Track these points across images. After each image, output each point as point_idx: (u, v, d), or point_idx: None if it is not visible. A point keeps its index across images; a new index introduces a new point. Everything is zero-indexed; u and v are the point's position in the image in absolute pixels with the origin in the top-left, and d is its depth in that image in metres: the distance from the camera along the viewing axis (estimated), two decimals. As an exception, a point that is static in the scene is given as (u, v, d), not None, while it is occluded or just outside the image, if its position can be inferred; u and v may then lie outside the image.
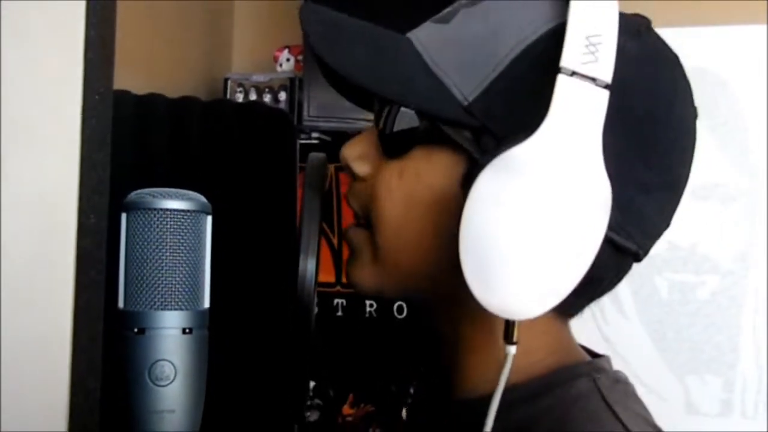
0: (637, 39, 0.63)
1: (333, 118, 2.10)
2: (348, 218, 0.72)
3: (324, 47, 0.65)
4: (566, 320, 0.71)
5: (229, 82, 2.27)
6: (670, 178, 0.65)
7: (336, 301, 2.12)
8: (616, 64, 0.57)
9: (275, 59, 2.34)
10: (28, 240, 0.45)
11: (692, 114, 0.67)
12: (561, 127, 0.56)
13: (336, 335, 2.10)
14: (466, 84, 0.62)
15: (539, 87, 0.58)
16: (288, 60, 2.34)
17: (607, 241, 0.60)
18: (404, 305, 2.11)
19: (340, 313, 2.13)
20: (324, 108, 2.12)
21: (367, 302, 2.14)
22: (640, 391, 0.69)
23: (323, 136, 2.15)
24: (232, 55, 2.54)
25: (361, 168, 0.69)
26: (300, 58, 2.29)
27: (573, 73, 0.56)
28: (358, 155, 0.70)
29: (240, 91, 2.26)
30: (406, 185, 0.66)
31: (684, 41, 0.68)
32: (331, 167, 2.04)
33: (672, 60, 0.66)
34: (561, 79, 0.56)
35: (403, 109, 0.64)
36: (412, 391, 2.08)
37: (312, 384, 2.11)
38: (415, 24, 0.67)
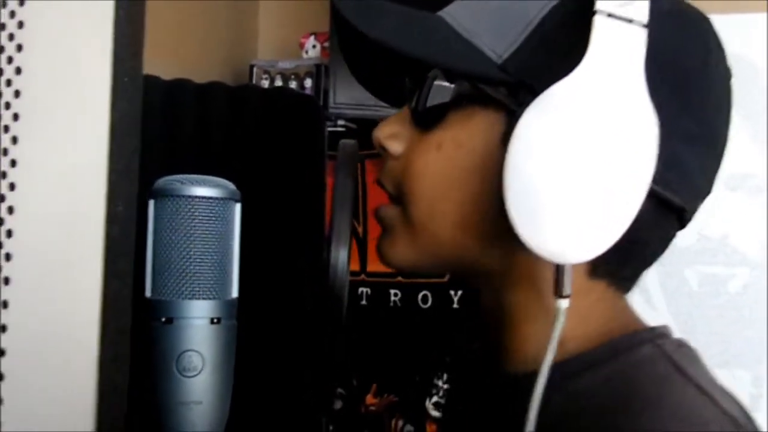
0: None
1: (359, 106, 2.08)
2: (375, 205, 0.72)
3: (356, 16, 0.65)
4: (621, 292, 0.69)
5: (254, 68, 2.27)
6: (710, 131, 0.65)
7: (360, 290, 2.11)
8: (649, 18, 0.57)
9: (301, 46, 2.33)
10: (55, 229, 0.44)
11: (727, 72, 0.67)
12: (601, 63, 0.56)
13: (360, 324, 2.09)
14: (498, 45, 0.62)
15: (574, 38, 0.58)
16: (314, 47, 2.33)
17: (651, 196, 0.58)
18: (429, 294, 2.10)
19: (364, 302, 2.13)
20: (350, 95, 2.11)
21: (392, 291, 2.13)
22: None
23: (349, 124, 2.14)
24: (257, 41, 2.53)
25: (394, 146, 0.69)
26: (326, 45, 2.27)
27: (609, 15, 0.56)
28: (390, 134, 0.69)
29: (265, 78, 2.25)
30: (445, 156, 0.65)
31: (719, 28, 0.68)
32: (357, 155, 2.03)
33: (703, 18, 0.67)
34: (598, 20, 0.56)
35: (437, 82, 0.64)
36: (443, 381, 2.07)
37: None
38: (443, 6, 0.68)
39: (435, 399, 2.08)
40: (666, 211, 0.64)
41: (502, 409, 0.69)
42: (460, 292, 2.08)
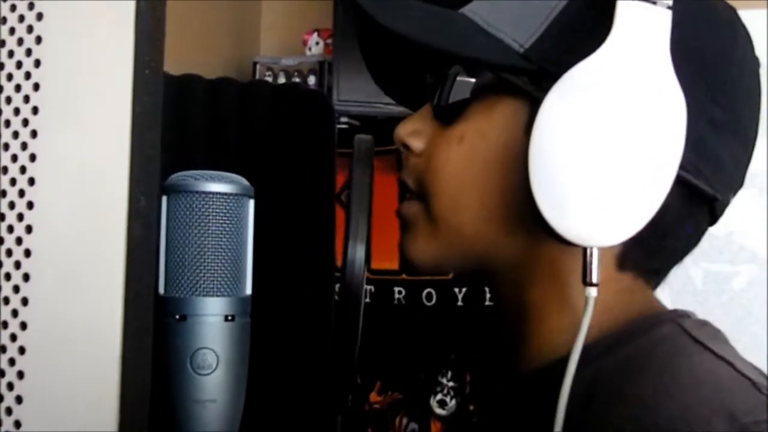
0: None
1: (362, 103, 2.08)
2: (379, 203, 0.71)
3: (379, 11, 0.64)
4: (648, 286, 0.68)
5: (257, 65, 2.26)
6: (738, 120, 0.64)
7: (364, 287, 2.10)
8: (675, 4, 0.56)
9: (304, 43, 2.33)
10: (75, 224, 0.43)
11: (755, 60, 0.66)
12: (624, 43, 0.55)
13: (364, 322, 2.08)
14: (520, 35, 0.62)
15: (597, 23, 0.57)
16: (317, 44, 2.33)
17: (680, 182, 0.57)
18: (433, 292, 2.09)
19: (368, 300, 2.12)
20: (353, 92, 2.11)
21: (396, 289, 2.12)
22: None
23: (352, 121, 2.14)
24: (260, 38, 2.53)
25: (416, 143, 0.69)
26: (329, 41, 2.27)
27: None
28: (412, 131, 0.69)
29: (268, 75, 2.25)
30: (467, 148, 0.65)
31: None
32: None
33: (729, 7, 0.66)
34: (621, 3, 0.55)
35: (459, 77, 0.64)
36: (447, 379, 2.07)
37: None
38: (463, 5, 0.68)
39: (439, 397, 2.07)
40: (697, 200, 0.63)
41: (522, 405, 0.69)
42: (464, 290, 2.07)
